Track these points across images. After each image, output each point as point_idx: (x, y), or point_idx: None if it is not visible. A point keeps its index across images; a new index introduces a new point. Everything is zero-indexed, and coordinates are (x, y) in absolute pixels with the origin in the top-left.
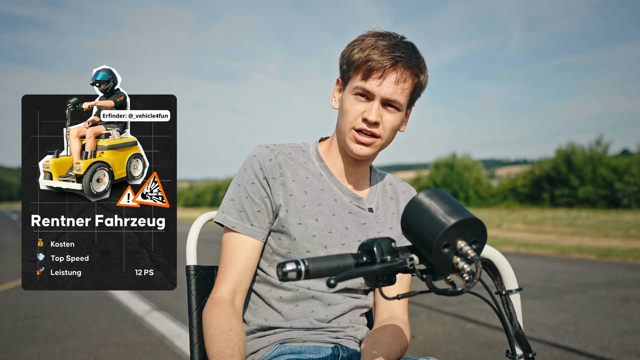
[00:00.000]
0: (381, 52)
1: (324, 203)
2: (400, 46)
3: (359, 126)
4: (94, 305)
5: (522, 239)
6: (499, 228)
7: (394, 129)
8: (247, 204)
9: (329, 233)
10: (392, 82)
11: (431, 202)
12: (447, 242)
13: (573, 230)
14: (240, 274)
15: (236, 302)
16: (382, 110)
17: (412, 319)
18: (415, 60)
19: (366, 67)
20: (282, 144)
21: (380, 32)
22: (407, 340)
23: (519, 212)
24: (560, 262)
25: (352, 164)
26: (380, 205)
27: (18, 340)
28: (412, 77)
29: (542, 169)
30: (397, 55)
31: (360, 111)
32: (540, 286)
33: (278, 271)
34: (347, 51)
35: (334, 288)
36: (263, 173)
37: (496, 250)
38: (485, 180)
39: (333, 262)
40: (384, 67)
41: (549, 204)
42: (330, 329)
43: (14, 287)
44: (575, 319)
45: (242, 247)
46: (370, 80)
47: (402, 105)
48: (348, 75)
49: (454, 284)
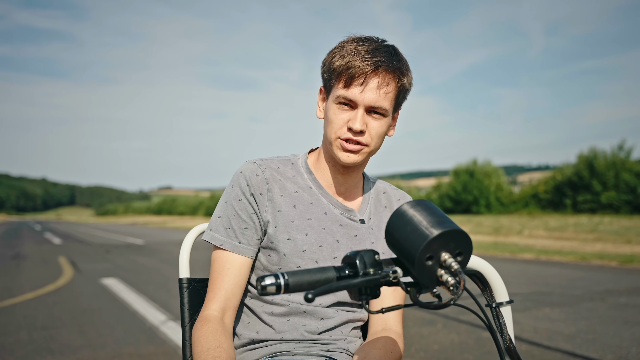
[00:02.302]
0: (361, 58)
1: (314, 217)
2: (380, 50)
3: (344, 135)
4: (110, 316)
5: (542, 246)
6: (519, 235)
7: (380, 136)
8: (234, 221)
9: (319, 247)
10: (375, 88)
11: (415, 213)
12: (431, 254)
13: (595, 237)
14: (229, 291)
15: (225, 319)
16: (367, 117)
17: (427, 328)
18: (397, 64)
19: (347, 75)
20: (270, 158)
21: (360, 37)
22: (400, 353)
23: (540, 219)
24: (581, 269)
25: (342, 172)
26: (373, 216)
27: (33, 351)
28: (394, 81)
29: (564, 174)
30: (378, 60)
31: (344, 120)
32: (559, 294)
33: (257, 285)
34: (328, 59)
35: (312, 302)
36: (250, 189)
37: (485, 262)
38: (506, 187)
39: (314, 276)
40: (365, 73)
41: (571, 210)
42: (322, 342)
43: (32, 297)
44: (593, 327)
45: (230, 265)
46: (352, 88)
47: (387, 111)
48: (330, 84)
49: (439, 297)
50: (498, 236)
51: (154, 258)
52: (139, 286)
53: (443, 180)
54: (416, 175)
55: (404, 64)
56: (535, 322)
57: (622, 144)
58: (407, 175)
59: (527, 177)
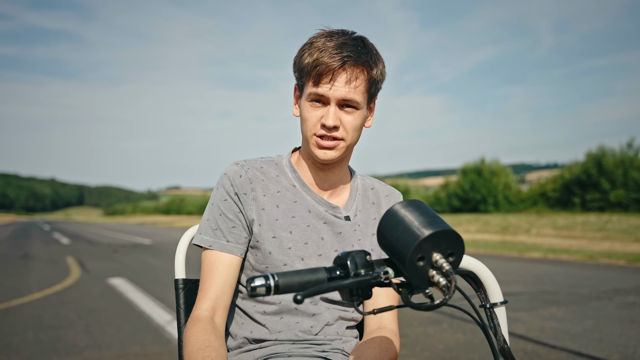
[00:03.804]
0: (329, 54)
1: (298, 215)
2: (348, 44)
3: (319, 132)
4: (116, 315)
5: (550, 245)
6: (527, 233)
7: (356, 129)
8: (221, 221)
9: (304, 244)
10: (344, 83)
11: (406, 213)
12: (422, 254)
13: (603, 235)
14: (218, 290)
15: (216, 318)
16: (340, 112)
17: (433, 327)
18: (365, 57)
19: (315, 73)
20: (254, 159)
21: (329, 32)
22: (396, 351)
23: (548, 217)
24: (588, 268)
25: (322, 169)
26: (359, 212)
27: (39, 351)
28: (363, 74)
29: (572, 173)
30: (345, 55)
31: (318, 117)
32: (566, 293)
33: (247, 286)
34: (297, 57)
35: (301, 304)
36: (234, 189)
37: (479, 262)
38: (514, 185)
39: (304, 277)
40: (333, 70)
41: (579, 209)
42: (317, 342)
43: (40, 297)
44: (600, 326)
45: (218, 264)
46: (321, 85)
47: (359, 104)
48: (302, 82)
49: (432, 298)
50: (506, 235)
51: (161, 258)
52: (145, 286)
53: (451, 179)
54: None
55: (372, 56)
56: (542, 321)
57: (631, 142)
58: (414, 174)
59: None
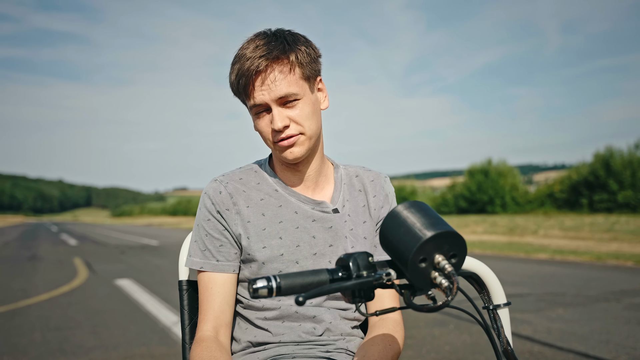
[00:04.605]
0: (246, 66)
1: (285, 219)
2: (259, 47)
3: (275, 138)
4: (123, 317)
5: (557, 246)
6: (534, 235)
7: (308, 117)
8: (208, 241)
9: (296, 247)
10: (268, 84)
11: (408, 214)
12: (424, 256)
13: (611, 236)
14: (217, 310)
15: (220, 337)
16: (285, 110)
17: (439, 329)
18: (276, 50)
19: (241, 87)
20: (233, 171)
21: (247, 40)
22: (400, 343)
23: (556, 218)
24: (596, 269)
25: (298, 169)
26: (347, 202)
27: (47, 351)
28: (280, 66)
29: (579, 173)
30: (257, 56)
31: (269, 125)
32: (573, 294)
33: (249, 288)
34: (229, 80)
35: (303, 305)
36: (215, 207)
37: (482, 263)
38: (522, 186)
39: (306, 278)
40: (251, 77)
41: (587, 210)
42: (320, 342)
43: (47, 298)
44: (607, 327)
45: (212, 284)
46: (252, 95)
47: (298, 94)
48: (242, 101)
49: (434, 299)
50: (513, 236)
51: (168, 259)
52: (152, 287)
53: (458, 180)
54: (431, 175)
55: (285, 44)
56: (549, 322)
57: (639, 142)
58: (421, 175)
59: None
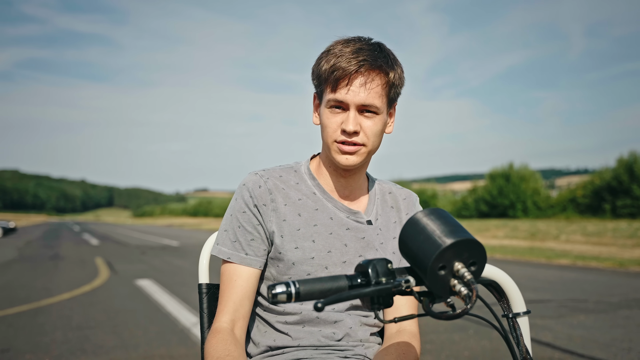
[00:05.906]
0: (346, 60)
1: (320, 223)
2: (364, 50)
3: (339, 138)
4: (144, 317)
5: (579, 251)
6: (556, 240)
7: (376, 134)
8: (240, 233)
9: (328, 253)
10: (361, 87)
11: (428, 221)
12: (443, 263)
13: (634, 242)
14: (237, 303)
15: (236, 330)
16: (360, 117)
17: (459, 334)
18: (381, 60)
19: (333, 78)
20: (273, 168)
21: (346, 39)
22: (416, 354)
23: (578, 223)
24: (618, 276)
25: (344, 175)
26: (380, 216)
27: (68, 350)
28: (380, 78)
29: (602, 178)
30: (361, 59)
31: (338, 123)
32: (595, 301)
33: (268, 293)
34: (315, 66)
35: (322, 311)
36: (253, 201)
37: (502, 271)
38: (543, 191)
39: (325, 284)
40: (350, 74)
41: (610, 215)
42: (339, 348)
43: (69, 297)
44: (630, 335)
45: (237, 277)
46: (339, 90)
47: (379, 108)
48: (320, 90)
49: (453, 307)
50: (534, 241)
51: (188, 260)
52: (172, 288)
53: (479, 184)
54: (452, 179)
55: (389, 60)
56: (570, 329)
57: None
58: (442, 178)
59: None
